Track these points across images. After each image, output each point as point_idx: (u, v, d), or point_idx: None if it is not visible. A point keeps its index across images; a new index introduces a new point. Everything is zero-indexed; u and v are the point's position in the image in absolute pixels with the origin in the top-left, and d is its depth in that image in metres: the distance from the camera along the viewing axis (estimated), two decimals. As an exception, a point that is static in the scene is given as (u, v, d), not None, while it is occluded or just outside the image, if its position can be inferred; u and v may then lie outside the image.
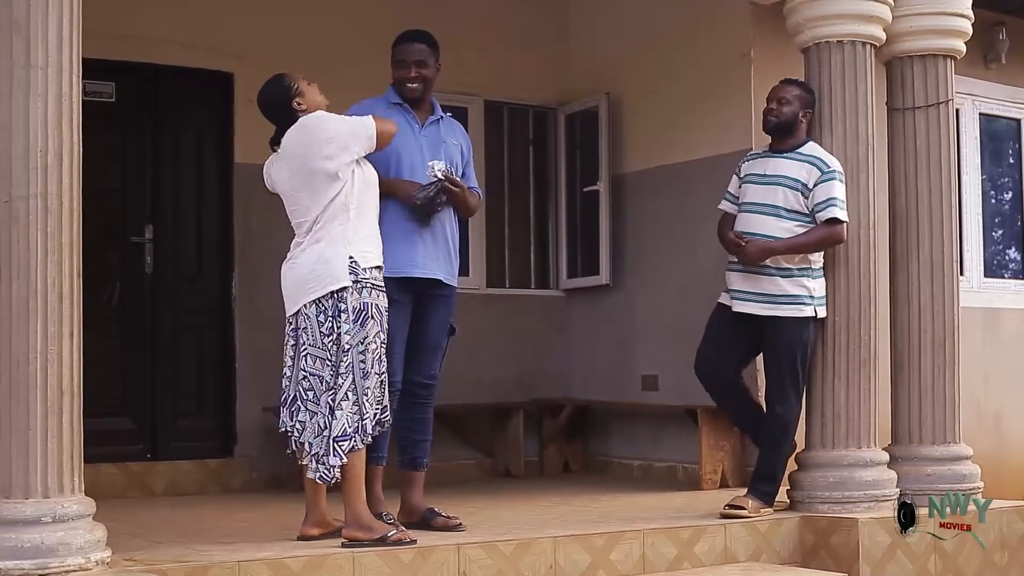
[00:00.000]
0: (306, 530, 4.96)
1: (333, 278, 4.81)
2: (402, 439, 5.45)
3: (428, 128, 5.43)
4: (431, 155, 5.31)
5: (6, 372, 3.98)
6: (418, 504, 5.41)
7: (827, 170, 5.79)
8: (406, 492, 5.44)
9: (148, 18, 7.26)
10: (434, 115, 5.48)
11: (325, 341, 4.82)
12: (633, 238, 8.34)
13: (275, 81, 5.12)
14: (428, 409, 5.48)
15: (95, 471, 5.72)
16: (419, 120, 5.41)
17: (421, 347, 5.38)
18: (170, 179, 7.60)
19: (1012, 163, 9.31)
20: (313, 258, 4.85)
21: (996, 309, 8.76)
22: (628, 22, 8.36)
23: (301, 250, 4.91)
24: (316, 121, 4.92)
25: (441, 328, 5.44)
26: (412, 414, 5.41)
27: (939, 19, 6.40)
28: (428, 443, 5.51)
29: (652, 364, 8.00)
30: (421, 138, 5.37)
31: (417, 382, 5.37)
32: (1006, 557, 6.17)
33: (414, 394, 5.37)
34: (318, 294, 4.82)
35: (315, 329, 4.83)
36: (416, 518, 5.34)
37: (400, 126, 5.20)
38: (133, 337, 7.34)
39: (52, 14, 4.05)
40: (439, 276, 5.33)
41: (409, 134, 5.32)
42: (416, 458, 5.45)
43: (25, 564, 3.88)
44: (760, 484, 5.86)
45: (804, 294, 5.80)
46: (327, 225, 4.86)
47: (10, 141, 4.00)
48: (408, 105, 5.39)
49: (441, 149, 5.38)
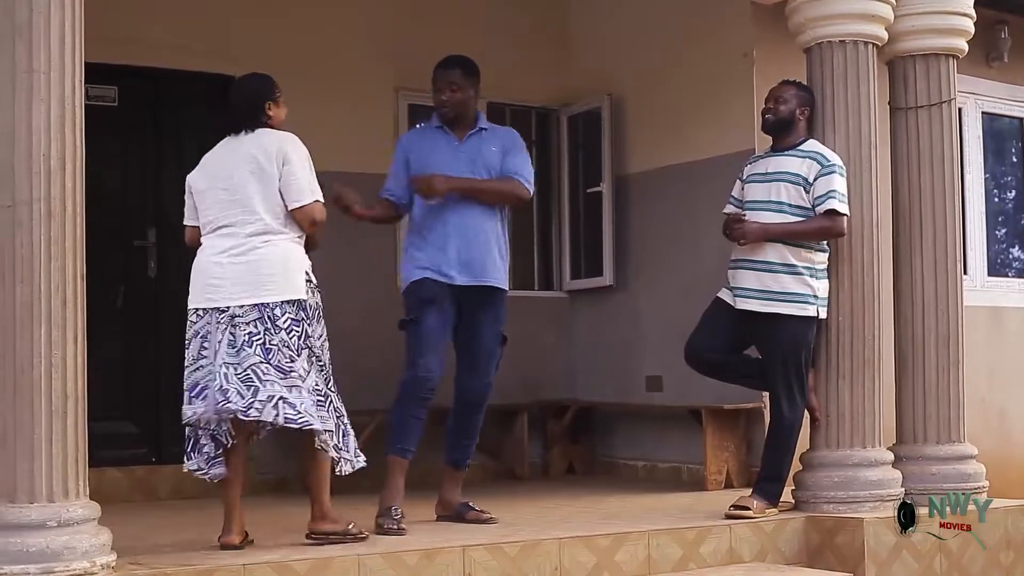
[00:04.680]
0: (230, 539, 4.82)
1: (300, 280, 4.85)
2: (451, 439, 5.80)
3: (468, 143, 5.70)
4: (468, 167, 5.61)
5: (10, 377, 3.99)
6: (452, 499, 5.73)
7: (827, 164, 5.79)
8: (444, 487, 5.78)
9: (150, 22, 7.26)
10: (474, 129, 5.73)
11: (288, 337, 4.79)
12: (636, 239, 8.34)
13: (261, 78, 5.13)
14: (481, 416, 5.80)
15: (100, 475, 5.73)
16: (458, 137, 5.70)
17: (474, 353, 5.66)
18: (173, 182, 7.58)
19: (1015, 162, 9.31)
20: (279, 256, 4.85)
21: (1000, 307, 8.75)
22: (630, 23, 8.36)
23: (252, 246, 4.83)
24: (302, 151, 4.95)
25: (490, 334, 5.69)
26: (465, 418, 5.75)
27: (941, 18, 6.40)
28: (473, 445, 5.84)
29: (656, 365, 8.00)
30: (461, 153, 5.66)
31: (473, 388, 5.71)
32: (1011, 556, 6.16)
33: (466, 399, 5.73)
34: (289, 296, 4.81)
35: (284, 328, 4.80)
36: (450, 511, 5.69)
37: (439, 146, 5.65)
38: (137, 341, 7.34)
39: (54, 18, 4.05)
40: (475, 281, 5.56)
41: (448, 152, 5.65)
42: (459, 459, 5.79)
43: (31, 568, 3.88)
44: (765, 484, 5.86)
45: (808, 293, 5.80)
46: (287, 225, 4.89)
47: (13, 145, 4.01)
48: (448, 127, 5.70)
49: (479, 160, 5.65)
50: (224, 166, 4.96)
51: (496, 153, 5.68)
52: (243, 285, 4.79)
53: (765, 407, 6.72)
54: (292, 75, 7.52)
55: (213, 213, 4.94)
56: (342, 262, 7.21)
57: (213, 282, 4.84)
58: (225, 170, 4.94)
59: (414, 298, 5.55)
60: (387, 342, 7.77)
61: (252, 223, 4.85)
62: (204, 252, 4.94)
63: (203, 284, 4.87)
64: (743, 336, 5.95)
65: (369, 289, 7.63)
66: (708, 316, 6.01)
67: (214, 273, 4.85)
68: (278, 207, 4.87)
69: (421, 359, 5.45)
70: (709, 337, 5.95)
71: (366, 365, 7.15)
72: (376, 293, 7.73)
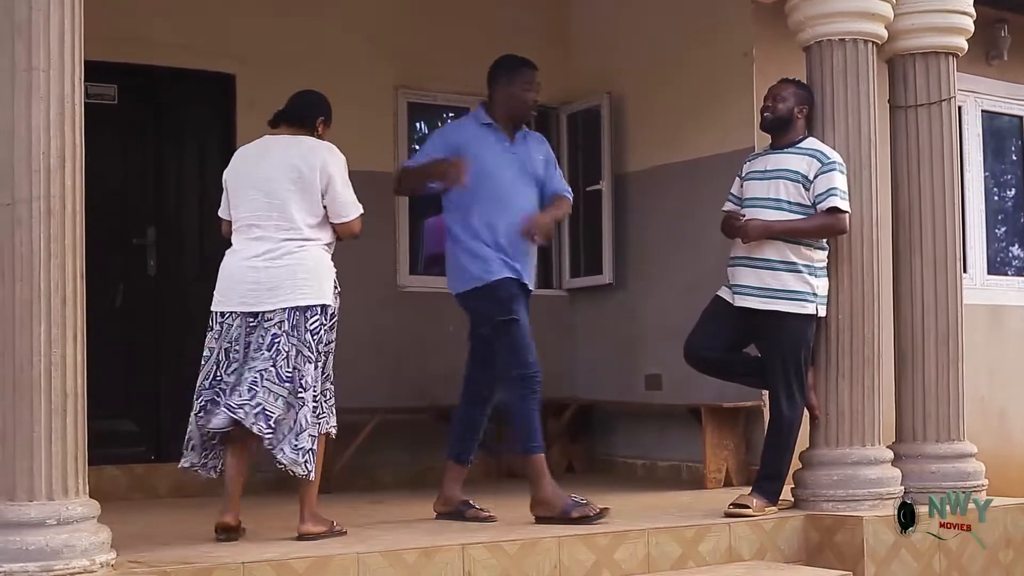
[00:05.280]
0: (229, 520, 4.96)
1: (329, 286, 5.01)
2: (457, 434, 5.81)
3: (518, 146, 5.74)
4: (519, 171, 5.67)
5: (10, 375, 3.99)
6: (454, 495, 5.73)
7: (827, 161, 5.79)
8: (447, 483, 5.77)
9: (149, 20, 7.26)
10: (521, 131, 5.79)
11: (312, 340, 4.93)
12: (636, 237, 8.34)
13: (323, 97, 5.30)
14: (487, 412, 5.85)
15: (99, 473, 5.72)
16: (510, 138, 5.73)
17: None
18: (172, 181, 7.61)
19: (1015, 160, 9.31)
20: (312, 261, 4.99)
21: (999, 306, 8.75)
22: (630, 22, 8.36)
23: (288, 251, 4.96)
24: (343, 164, 5.10)
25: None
26: (473, 412, 5.79)
27: (941, 16, 6.40)
28: (477, 443, 5.86)
29: (656, 363, 8.00)
30: (513, 156, 5.70)
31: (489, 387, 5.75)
32: (1010, 555, 6.16)
33: (481, 396, 5.76)
34: (321, 300, 4.95)
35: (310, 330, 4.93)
36: (451, 507, 5.69)
37: (492, 146, 5.64)
38: (136, 339, 7.35)
39: (53, 16, 4.05)
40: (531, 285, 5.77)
41: (501, 153, 5.66)
42: (462, 454, 5.80)
43: (30, 566, 3.89)
44: (765, 483, 5.86)
45: (807, 291, 5.80)
46: (319, 231, 5.04)
47: (12, 144, 4.01)
48: (498, 125, 5.69)
49: (528, 165, 5.72)
50: (259, 168, 5.04)
51: (541, 162, 5.78)
52: (279, 289, 4.91)
53: (764, 405, 6.73)
54: (292, 73, 7.55)
55: (245, 213, 5.03)
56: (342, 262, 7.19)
57: (248, 287, 4.94)
58: (260, 172, 5.03)
59: (503, 296, 5.57)
60: (386, 342, 7.83)
61: (287, 229, 4.97)
62: (236, 255, 5.03)
63: (236, 288, 4.97)
64: (743, 334, 5.95)
65: (368, 289, 7.62)
66: (707, 314, 6.01)
67: (250, 278, 4.94)
68: (314, 216, 5.01)
69: (531, 357, 5.54)
70: (708, 335, 5.95)
71: (365, 365, 7.15)
72: (376, 293, 7.74)
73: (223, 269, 5.06)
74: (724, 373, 6.18)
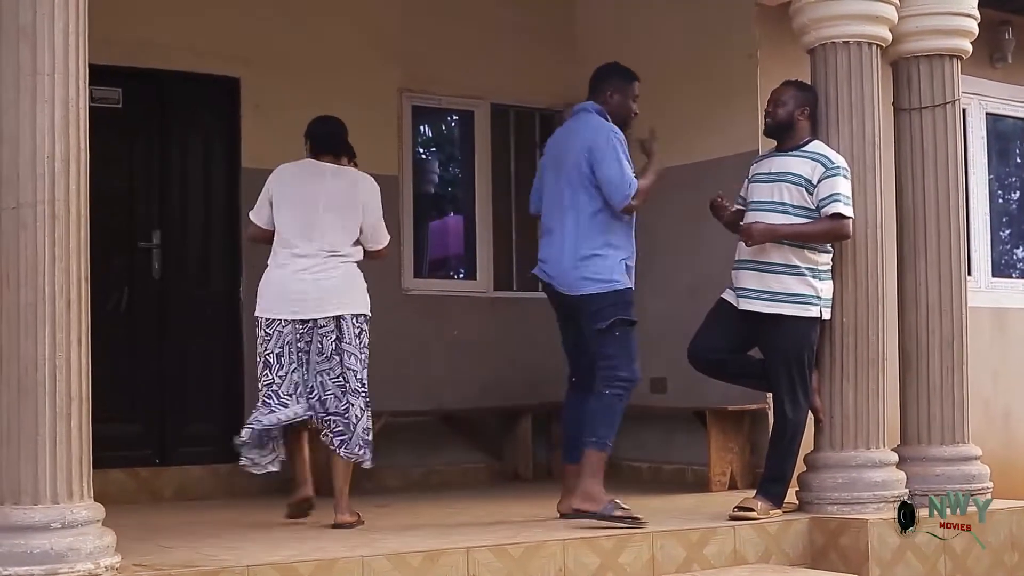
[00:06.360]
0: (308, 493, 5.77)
1: (366, 297, 5.69)
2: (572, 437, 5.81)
3: None
4: None
5: (15, 378, 3.99)
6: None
7: (831, 166, 5.79)
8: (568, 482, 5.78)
9: (154, 24, 7.27)
10: None
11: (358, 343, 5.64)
12: (640, 240, 8.30)
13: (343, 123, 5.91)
14: None
15: (104, 476, 5.70)
16: None
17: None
18: (177, 184, 7.61)
19: (1019, 162, 9.31)
20: (351, 276, 5.66)
21: (1004, 309, 8.74)
22: (633, 24, 8.35)
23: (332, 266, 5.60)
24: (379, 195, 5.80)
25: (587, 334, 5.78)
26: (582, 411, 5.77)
27: (945, 19, 6.40)
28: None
29: (660, 366, 7.96)
30: None
31: None
32: (1015, 557, 6.15)
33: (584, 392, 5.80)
34: (361, 309, 5.65)
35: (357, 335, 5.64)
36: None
37: None
38: (141, 342, 7.35)
39: (58, 20, 4.05)
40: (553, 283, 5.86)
41: None
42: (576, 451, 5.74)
43: (35, 570, 3.88)
44: (769, 486, 5.86)
45: (811, 294, 5.80)
46: (353, 250, 5.68)
47: (17, 147, 4.01)
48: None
49: None
50: (304, 194, 5.66)
51: None
52: (325, 300, 5.56)
53: (769, 408, 6.71)
54: (297, 76, 7.58)
55: (289, 232, 5.63)
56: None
57: (297, 296, 5.56)
58: (305, 197, 5.65)
59: (628, 301, 5.77)
60: (390, 345, 7.82)
61: (328, 247, 5.60)
62: (282, 268, 5.63)
63: (284, 297, 5.59)
64: (747, 337, 5.95)
65: (372, 293, 7.60)
66: (711, 317, 6.01)
67: (297, 288, 5.57)
68: (351, 237, 5.66)
69: (636, 363, 5.73)
70: (712, 338, 5.96)
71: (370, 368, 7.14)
72: (380, 297, 7.73)
73: (269, 281, 5.66)
74: (728, 376, 6.18)
